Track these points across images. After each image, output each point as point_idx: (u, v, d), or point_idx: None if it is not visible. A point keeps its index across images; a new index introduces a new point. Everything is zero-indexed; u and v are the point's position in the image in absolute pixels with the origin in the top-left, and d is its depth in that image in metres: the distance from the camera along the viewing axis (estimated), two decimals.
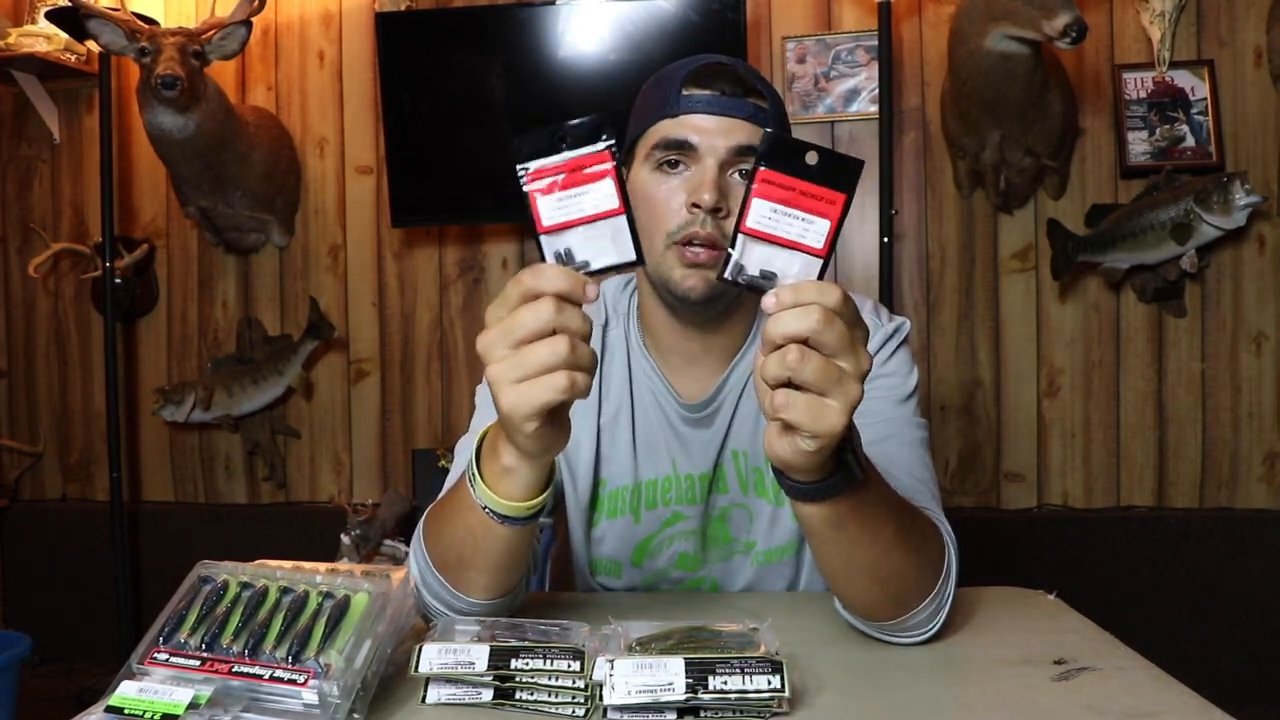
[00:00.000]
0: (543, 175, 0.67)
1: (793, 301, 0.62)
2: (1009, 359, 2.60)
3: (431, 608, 0.88)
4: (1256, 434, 2.52)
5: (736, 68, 1.00)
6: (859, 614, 0.86)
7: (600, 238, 0.66)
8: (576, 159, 0.66)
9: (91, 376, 2.96)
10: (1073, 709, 0.73)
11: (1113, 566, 2.52)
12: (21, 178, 2.98)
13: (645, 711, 0.70)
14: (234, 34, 2.41)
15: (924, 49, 2.59)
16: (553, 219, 0.67)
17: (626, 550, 1.09)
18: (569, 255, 0.67)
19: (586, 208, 0.66)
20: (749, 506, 1.07)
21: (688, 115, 0.97)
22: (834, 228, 0.62)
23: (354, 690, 0.69)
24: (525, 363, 0.64)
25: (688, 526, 1.07)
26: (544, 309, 0.63)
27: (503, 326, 0.65)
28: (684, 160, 0.97)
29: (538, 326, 0.64)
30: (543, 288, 0.64)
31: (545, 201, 0.67)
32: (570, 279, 0.65)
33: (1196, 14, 2.49)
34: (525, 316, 0.64)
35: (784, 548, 1.08)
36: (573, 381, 0.64)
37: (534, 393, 0.64)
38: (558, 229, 0.67)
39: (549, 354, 0.64)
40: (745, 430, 1.06)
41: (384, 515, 2.58)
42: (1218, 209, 2.27)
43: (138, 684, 0.69)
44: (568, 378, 0.64)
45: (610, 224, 0.66)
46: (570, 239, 0.67)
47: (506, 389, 0.65)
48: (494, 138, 2.59)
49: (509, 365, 0.65)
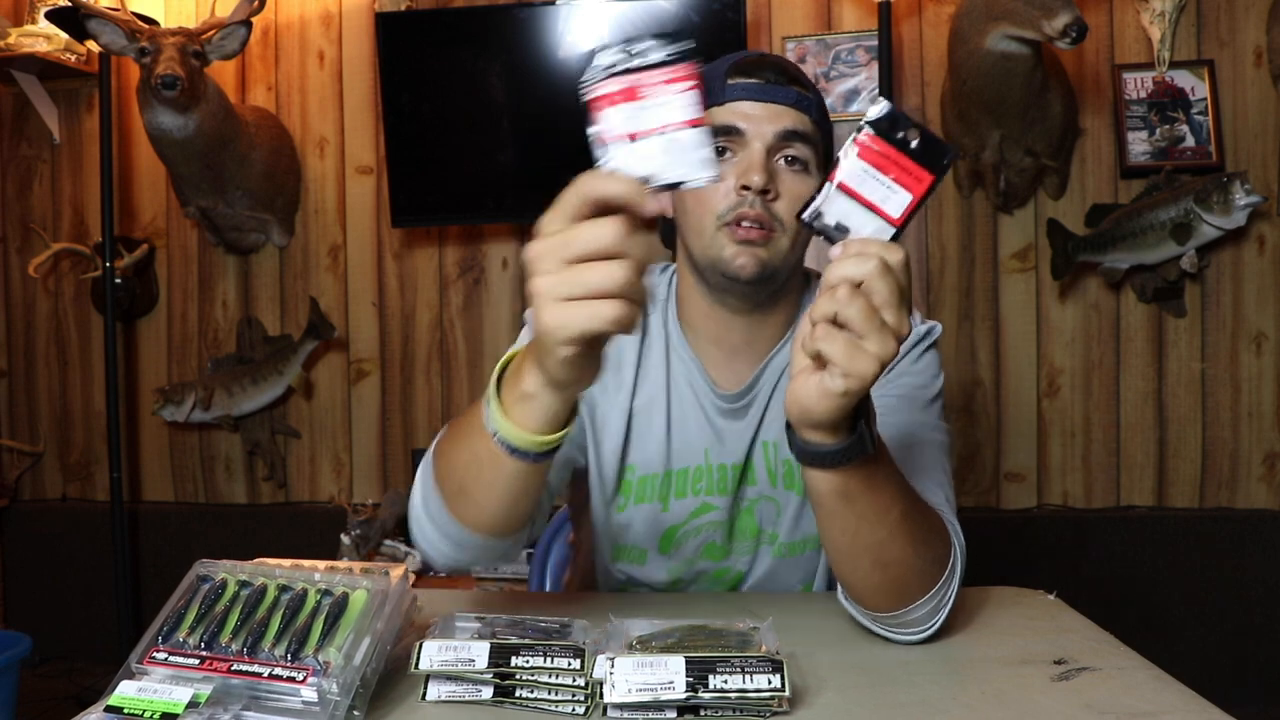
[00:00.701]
0: (612, 83, 0.62)
1: (857, 251, 0.65)
2: (1009, 359, 2.60)
3: (427, 537, 0.87)
4: (1256, 434, 2.52)
5: (780, 59, 1.05)
6: (860, 602, 0.86)
7: (672, 151, 0.61)
8: (652, 70, 0.61)
9: (92, 376, 2.96)
10: (1072, 709, 0.73)
11: (1113, 566, 2.52)
12: (22, 178, 2.98)
13: (645, 710, 0.70)
14: (234, 34, 2.41)
15: (924, 49, 2.59)
16: (618, 129, 0.61)
17: (653, 538, 1.08)
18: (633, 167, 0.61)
19: (660, 117, 0.61)
20: (777, 499, 1.07)
21: (734, 102, 1.00)
22: (915, 202, 0.66)
23: (353, 687, 0.69)
24: (576, 281, 0.59)
25: (716, 517, 1.07)
26: (607, 228, 0.58)
27: (559, 238, 0.60)
28: (730, 146, 1.00)
29: (597, 246, 0.59)
30: (601, 191, 0.59)
31: (612, 111, 0.62)
32: (632, 185, 0.59)
33: (1196, 14, 2.49)
34: (586, 232, 0.59)
35: (804, 542, 1.08)
36: (624, 313, 0.59)
37: (580, 315, 0.59)
38: (622, 139, 0.61)
39: (604, 278, 0.58)
40: (777, 422, 1.06)
41: (384, 515, 2.58)
42: (1218, 209, 2.27)
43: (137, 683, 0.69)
44: (619, 308, 0.59)
45: (685, 136, 0.60)
46: (636, 150, 0.61)
47: (550, 306, 0.60)
48: (494, 138, 2.60)
49: (557, 281, 0.59)
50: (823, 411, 0.68)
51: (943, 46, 2.44)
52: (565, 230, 0.60)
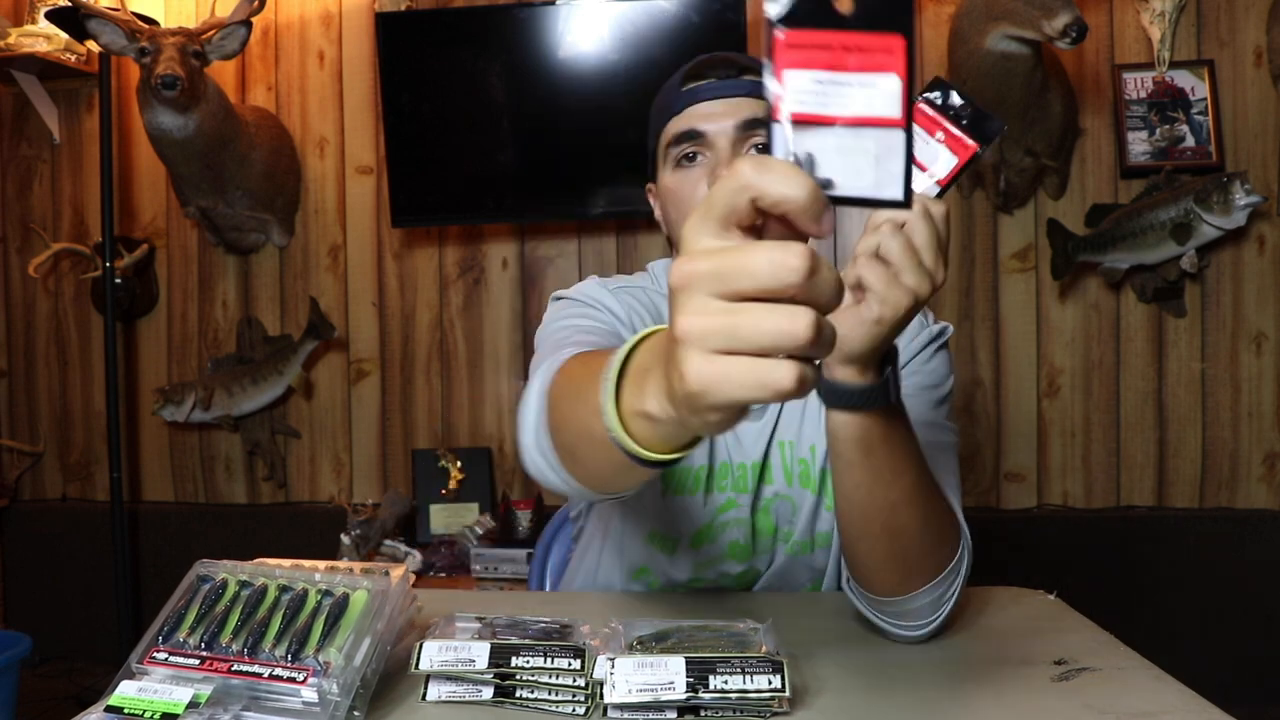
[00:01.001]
0: (802, 43, 0.46)
1: None
2: (1009, 359, 2.60)
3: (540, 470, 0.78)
4: (1256, 434, 2.52)
5: (729, 55, 1.05)
6: (866, 581, 0.86)
7: (859, 153, 0.46)
8: (858, 35, 0.46)
9: (91, 376, 2.96)
10: (1072, 709, 0.73)
11: (1113, 566, 2.52)
12: (22, 178, 2.98)
13: (646, 710, 0.71)
14: (234, 34, 2.41)
15: (924, 49, 2.59)
16: (800, 104, 0.46)
17: (688, 529, 1.08)
18: (809, 164, 0.46)
19: (853, 105, 0.46)
20: (792, 498, 1.08)
21: (690, 108, 1.02)
22: (960, 165, 0.71)
23: (354, 688, 0.69)
24: (740, 331, 0.41)
25: (739, 515, 1.08)
26: (791, 258, 0.40)
27: (720, 262, 0.41)
28: (699, 150, 1.02)
29: (774, 284, 0.40)
30: (772, 192, 0.41)
31: (796, 77, 0.46)
32: (811, 193, 0.42)
33: (1196, 14, 2.49)
34: (756, 258, 0.40)
35: (816, 539, 1.09)
36: (800, 379, 0.41)
37: (741, 379, 0.41)
38: (804, 121, 0.46)
39: (780, 330, 0.40)
40: (792, 421, 1.07)
41: (384, 515, 2.58)
42: (1218, 209, 2.27)
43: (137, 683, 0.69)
44: (795, 375, 0.41)
45: (879, 138, 0.46)
46: (816, 141, 0.46)
47: (698, 359, 0.42)
48: (494, 138, 2.60)
49: (712, 324, 0.41)
50: (856, 340, 0.72)
51: (943, 46, 2.44)
52: (725, 251, 0.42)
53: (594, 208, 2.58)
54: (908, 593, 0.84)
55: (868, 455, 0.78)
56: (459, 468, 2.70)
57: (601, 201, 2.57)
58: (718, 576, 1.10)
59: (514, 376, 2.77)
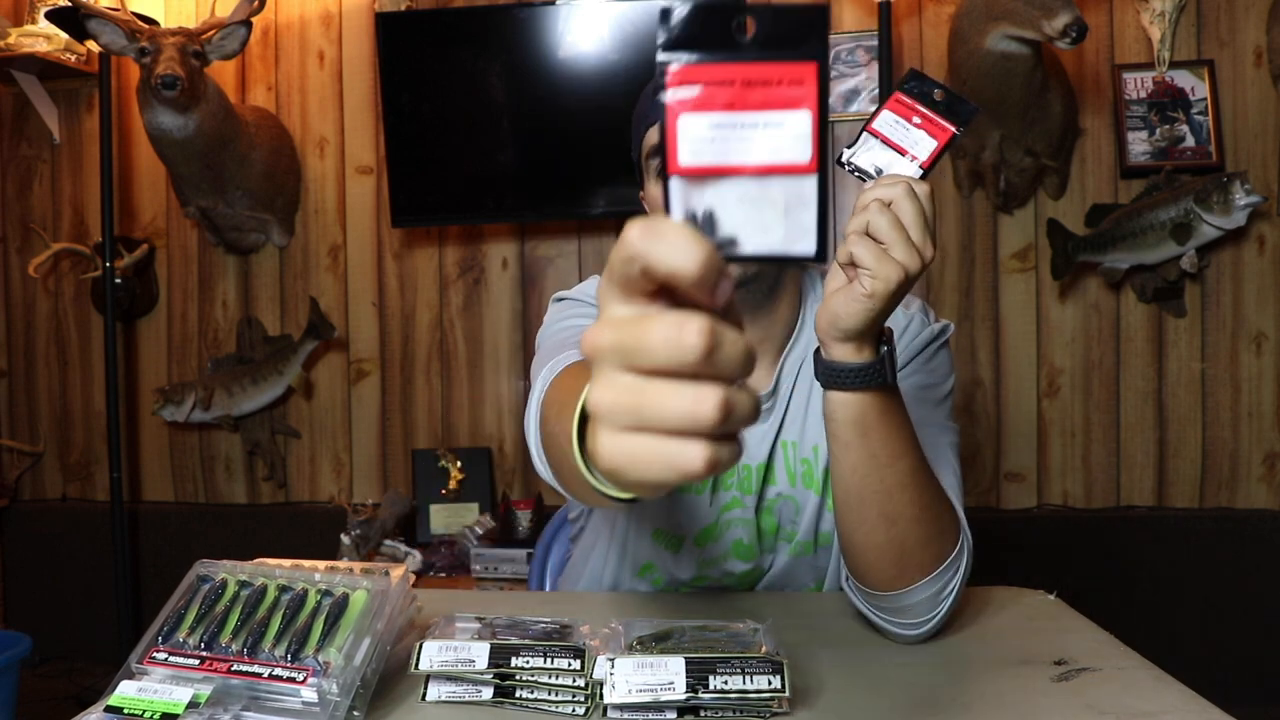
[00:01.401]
0: (696, 79, 0.40)
1: (888, 180, 0.74)
2: (1009, 359, 2.60)
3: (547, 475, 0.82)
4: (1256, 434, 2.52)
5: None
6: (863, 574, 0.86)
7: (766, 205, 0.41)
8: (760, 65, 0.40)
9: (92, 376, 2.96)
10: (1072, 709, 0.73)
11: (1112, 566, 2.52)
12: (22, 178, 2.98)
13: (645, 710, 0.71)
14: (234, 34, 2.41)
15: (924, 49, 2.59)
16: (696, 156, 0.41)
17: (693, 528, 1.09)
18: (708, 222, 0.41)
19: (757, 151, 0.40)
20: (796, 498, 1.08)
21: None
22: (940, 148, 0.75)
23: (353, 688, 0.69)
24: (646, 413, 0.39)
25: (744, 515, 1.08)
26: (689, 339, 0.37)
27: (622, 336, 0.39)
28: None
29: (671, 364, 0.38)
30: (660, 264, 0.37)
31: (691, 122, 0.40)
32: (705, 263, 0.37)
33: (1196, 14, 2.49)
34: (656, 339, 0.37)
35: (820, 539, 1.09)
36: (712, 463, 0.39)
37: (650, 463, 0.39)
38: (700, 174, 0.41)
39: (684, 415, 0.38)
40: (796, 421, 1.08)
41: (384, 515, 2.58)
42: (1217, 209, 2.27)
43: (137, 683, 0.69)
44: (704, 457, 0.38)
45: (788, 186, 0.41)
46: (717, 194, 0.41)
47: (610, 436, 0.40)
48: (494, 138, 2.60)
49: (622, 404, 0.39)
50: (850, 315, 0.74)
51: (943, 46, 2.44)
52: (627, 324, 0.39)
53: (594, 207, 2.58)
54: (905, 586, 0.84)
55: (864, 436, 0.79)
56: (459, 468, 2.70)
57: (601, 201, 2.57)
58: (721, 575, 1.10)
59: (514, 376, 2.77)
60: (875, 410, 0.79)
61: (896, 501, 0.81)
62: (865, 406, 0.78)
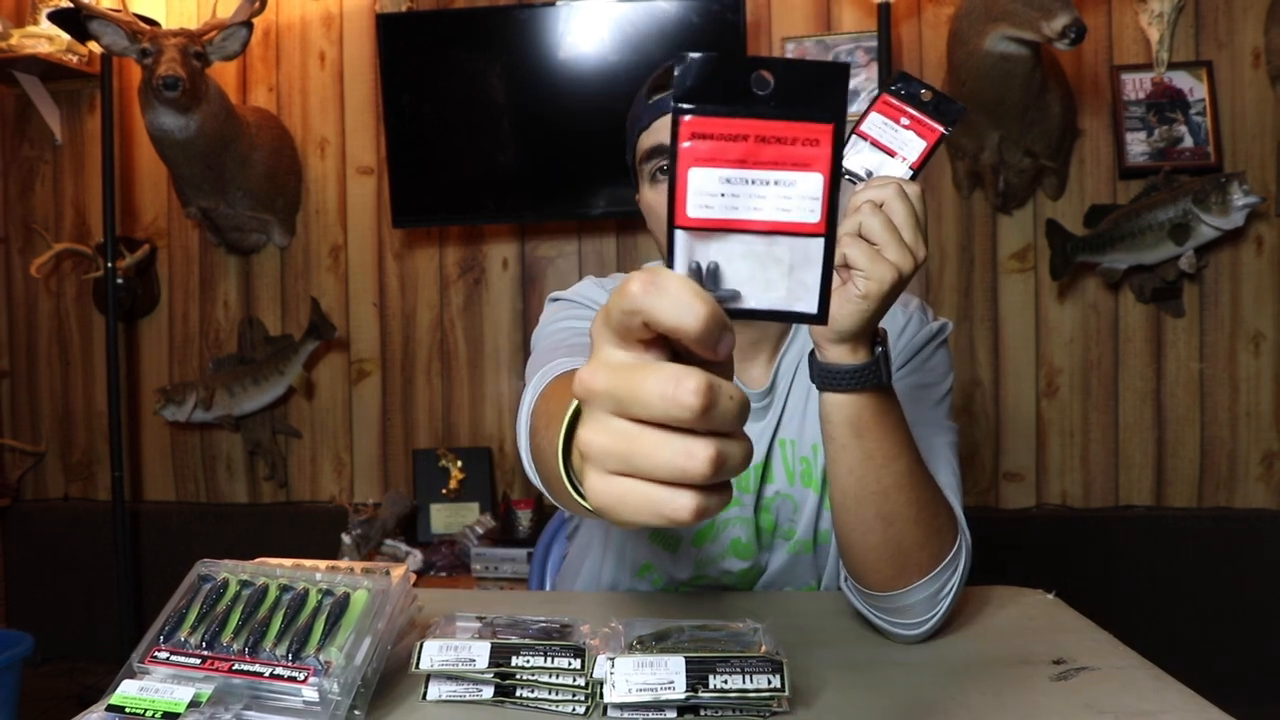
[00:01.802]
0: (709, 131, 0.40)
1: (879, 181, 0.75)
2: (1008, 359, 2.60)
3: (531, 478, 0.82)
4: (1254, 434, 2.52)
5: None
6: (861, 574, 0.87)
7: (771, 263, 0.42)
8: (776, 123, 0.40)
9: (93, 376, 2.97)
10: (1071, 708, 0.73)
11: (1111, 566, 2.52)
12: (24, 178, 2.98)
13: (646, 709, 0.71)
14: (235, 35, 2.42)
15: (923, 50, 2.59)
16: (705, 209, 0.41)
17: (691, 527, 1.08)
18: (713, 276, 0.42)
19: (766, 209, 0.41)
20: (794, 497, 1.08)
21: (657, 121, 1.01)
22: (929, 148, 0.76)
23: (354, 687, 0.69)
24: (636, 461, 0.39)
25: (742, 513, 1.08)
26: (685, 397, 0.37)
27: (616, 384, 0.39)
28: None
29: (666, 417, 0.38)
30: (662, 319, 0.38)
31: (701, 176, 0.40)
32: (706, 320, 0.37)
33: (1195, 15, 2.49)
34: (652, 392, 0.38)
35: (819, 537, 1.09)
36: (700, 513, 0.39)
37: (638, 508, 0.40)
38: (707, 227, 0.41)
39: (674, 466, 0.38)
40: (794, 420, 1.08)
41: (385, 515, 2.59)
42: (1216, 209, 2.28)
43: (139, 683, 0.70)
44: (692, 507, 0.39)
45: (795, 246, 0.41)
46: (722, 249, 0.41)
47: (598, 478, 0.41)
48: (494, 138, 2.60)
49: (612, 449, 0.40)
50: (845, 317, 0.74)
51: (942, 48, 2.44)
52: (622, 371, 0.39)
53: (594, 208, 2.59)
54: (902, 587, 0.84)
55: (860, 437, 0.79)
56: (459, 467, 2.70)
57: (601, 202, 2.57)
58: (720, 574, 1.11)
59: (515, 376, 2.78)
60: (871, 411, 0.79)
61: (893, 502, 0.81)
62: (861, 408, 0.79)
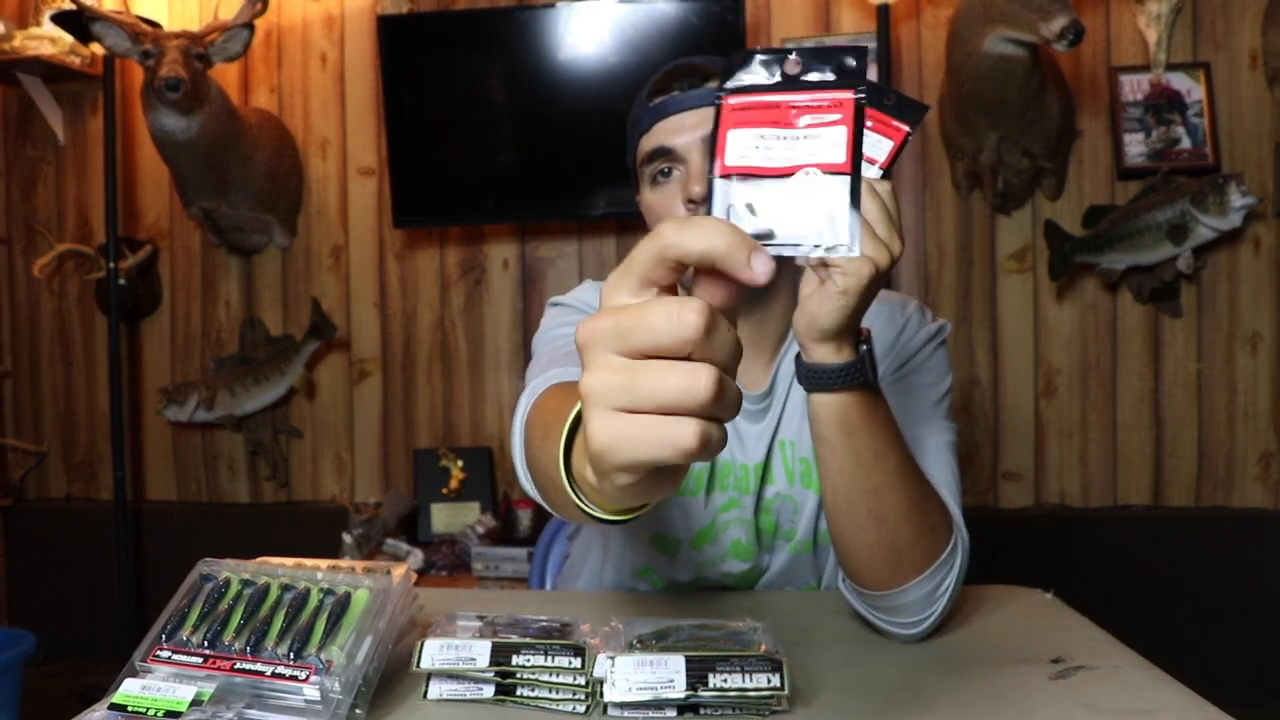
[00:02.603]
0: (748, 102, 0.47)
1: None
2: (1006, 359, 2.61)
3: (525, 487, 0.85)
4: (1252, 434, 2.53)
5: (693, 62, 1.04)
6: (856, 574, 0.87)
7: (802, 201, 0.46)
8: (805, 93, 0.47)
9: (95, 376, 2.97)
10: (1070, 707, 0.74)
11: (1110, 565, 2.53)
12: (26, 179, 2.99)
13: (646, 708, 0.71)
14: (237, 36, 2.42)
15: (922, 51, 2.60)
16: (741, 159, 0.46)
17: (690, 530, 1.09)
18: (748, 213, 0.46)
19: (796, 156, 0.46)
20: (794, 498, 1.08)
21: (659, 123, 1.01)
22: (896, 148, 0.76)
23: (355, 686, 0.69)
24: (640, 389, 0.40)
25: (742, 515, 1.08)
26: (689, 316, 0.39)
27: (621, 319, 0.41)
28: (672, 165, 1.01)
29: (671, 338, 0.40)
30: (690, 247, 0.41)
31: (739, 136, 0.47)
32: (735, 241, 0.41)
33: (1193, 17, 2.49)
34: (655, 315, 0.40)
35: (820, 538, 1.09)
36: (704, 440, 0.40)
37: (643, 438, 0.41)
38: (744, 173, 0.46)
39: (680, 389, 0.40)
40: (794, 421, 1.08)
41: (386, 515, 2.59)
42: (1214, 210, 2.28)
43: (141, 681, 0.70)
44: (697, 432, 0.40)
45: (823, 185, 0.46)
46: (758, 193, 0.46)
47: (601, 417, 0.41)
48: (495, 139, 2.61)
49: (613, 382, 0.41)
50: (827, 315, 0.74)
51: (941, 49, 2.44)
52: (627, 308, 0.41)
53: (594, 208, 2.59)
54: (898, 585, 0.84)
55: (849, 436, 0.80)
56: (460, 467, 2.71)
57: (602, 202, 2.58)
58: (721, 576, 1.11)
59: (515, 376, 2.78)
60: (858, 410, 0.79)
61: (885, 500, 0.82)
62: (848, 407, 0.79)
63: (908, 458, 0.84)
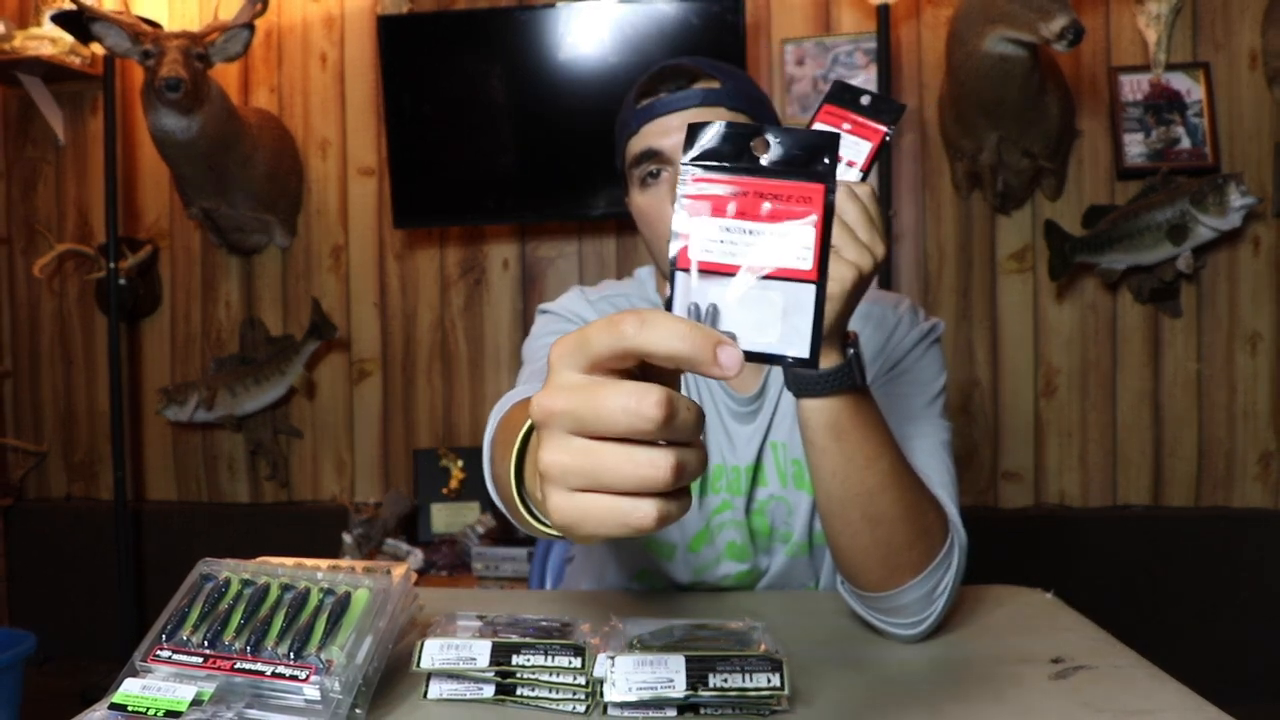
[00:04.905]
0: (713, 185, 0.45)
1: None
2: (1006, 359, 2.61)
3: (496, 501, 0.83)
4: (1251, 434, 2.53)
5: (680, 63, 1.03)
6: (853, 576, 0.87)
7: (765, 306, 0.44)
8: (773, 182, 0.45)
9: (96, 376, 2.97)
10: (1070, 707, 0.74)
11: (1109, 565, 2.53)
12: (26, 179, 2.99)
13: (646, 708, 0.71)
14: (237, 36, 2.42)
15: (922, 51, 2.60)
16: (706, 253, 0.45)
17: (686, 533, 1.09)
18: (712, 316, 0.44)
19: (762, 256, 0.44)
20: (787, 500, 1.08)
21: (645, 125, 1.01)
22: (874, 149, 0.77)
23: (355, 686, 0.69)
24: (601, 477, 0.41)
25: (735, 517, 1.08)
26: (649, 410, 0.39)
27: (578, 405, 0.41)
28: (661, 167, 1.01)
29: (630, 432, 0.40)
30: (649, 348, 0.40)
31: (702, 225, 0.45)
32: (698, 342, 0.40)
33: (1192, 17, 2.50)
34: (615, 408, 0.40)
35: (816, 539, 1.09)
36: (662, 518, 0.42)
37: (598, 517, 0.42)
38: (708, 270, 0.44)
39: (633, 473, 0.41)
40: (785, 422, 1.08)
41: (386, 515, 2.59)
42: (1213, 210, 2.28)
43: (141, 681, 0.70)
44: (655, 514, 0.41)
45: (788, 291, 0.44)
46: (720, 291, 0.44)
47: (560, 496, 0.42)
48: (495, 139, 2.61)
49: (574, 466, 0.41)
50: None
51: (941, 49, 2.44)
52: (584, 390, 0.41)
53: (594, 208, 2.59)
54: (895, 587, 0.84)
55: (840, 440, 0.80)
56: (460, 467, 2.71)
57: (602, 202, 2.58)
58: (719, 578, 1.11)
59: (514, 377, 2.78)
60: (848, 413, 0.79)
61: (879, 502, 0.82)
62: (838, 411, 0.79)
63: (900, 459, 0.83)
